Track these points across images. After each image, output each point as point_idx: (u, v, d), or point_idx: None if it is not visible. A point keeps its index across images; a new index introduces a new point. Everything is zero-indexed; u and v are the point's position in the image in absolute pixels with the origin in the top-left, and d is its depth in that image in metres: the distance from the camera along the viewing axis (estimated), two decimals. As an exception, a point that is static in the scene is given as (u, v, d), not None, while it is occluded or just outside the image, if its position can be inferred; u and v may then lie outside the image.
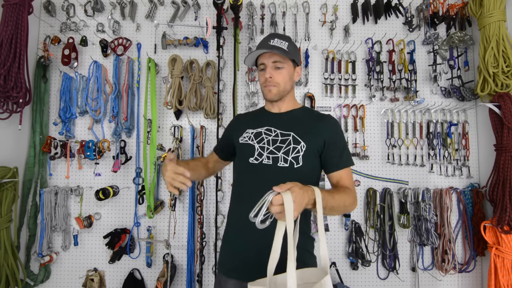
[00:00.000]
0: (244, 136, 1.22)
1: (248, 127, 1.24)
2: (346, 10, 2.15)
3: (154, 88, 1.99)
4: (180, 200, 2.05)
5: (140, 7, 2.14)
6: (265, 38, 1.23)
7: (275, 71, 1.19)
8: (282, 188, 0.81)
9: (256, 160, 1.15)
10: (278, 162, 1.12)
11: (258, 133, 1.20)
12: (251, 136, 1.20)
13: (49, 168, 2.04)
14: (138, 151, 2.06)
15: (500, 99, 1.76)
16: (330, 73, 2.08)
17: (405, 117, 2.07)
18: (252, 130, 1.22)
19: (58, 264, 2.02)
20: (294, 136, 1.15)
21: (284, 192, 0.80)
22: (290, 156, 1.12)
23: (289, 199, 0.78)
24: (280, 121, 1.21)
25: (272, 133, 1.18)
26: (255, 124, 1.24)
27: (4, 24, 1.74)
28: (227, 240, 1.21)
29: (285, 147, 1.14)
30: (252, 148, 1.17)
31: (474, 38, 2.06)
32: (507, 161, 1.72)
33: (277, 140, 1.16)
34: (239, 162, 1.25)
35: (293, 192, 0.81)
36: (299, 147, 1.13)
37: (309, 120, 1.22)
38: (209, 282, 2.01)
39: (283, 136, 1.16)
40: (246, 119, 1.36)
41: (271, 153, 1.14)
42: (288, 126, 1.19)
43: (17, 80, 1.77)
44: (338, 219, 2.05)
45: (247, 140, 1.20)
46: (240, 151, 1.23)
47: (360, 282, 2.02)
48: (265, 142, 1.16)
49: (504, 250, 1.74)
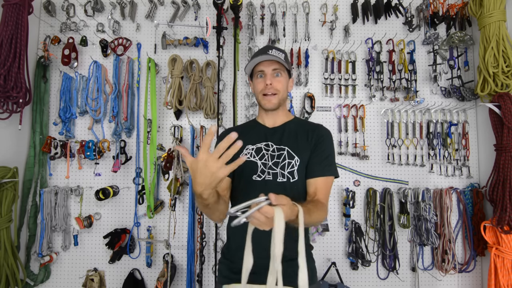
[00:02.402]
0: (244, 153, 1.19)
1: (247, 143, 1.21)
2: (346, 10, 2.15)
3: (154, 88, 1.99)
4: (180, 200, 2.05)
5: (140, 7, 2.14)
6: (263, 48, 1.24)
7: (275, 79, 1.19)
8: (277, 201, 0.75)
9: (259, 177, 1.14)
10: (278, 178, 1.13)
11: (259, 149, 1.19)
12: (252, 152, 1.19)
13: (49, 168, 2.04)
14: (138, 151, 2.06)
15: (500, 99, 1.76)
16: (330, 73, 2.08)
17: (405, 117, 2.07)
18: (252, 146, 1.20)
19: (58, 264, 2.02)
20: (288, 150, 1.16)
21: (277, 208, 0.74)
22: (286, 171, 1.14)
23: (280, 217, 0.73)
24: (275, 136, 1.21)
25: (270, 147, 1.18)
26: (254, 140, 1.22)
27: (4, 24, 1.74)
28: (229, 255, 1.19)
29: (281, 162, 1.15)
30: (255, 165, 1.16)
31: (474, 38, 2.06)
32: (507, 161, 1.72)
33: (274, 155, 1.16)
34: (239, 179, 1.19)
35: (284, 212, 0.76)
36: (293, 161, 1.14)
37: (301, 133, 1.21)
38: (209, 282, 2.01)
39: (279, 151, 1.17)
40: (241, 135, 1.25)
41: (271, 168, 1.15)
42: (282, 141, 1.19)
43: (17, 80, 1.77)
44: (338, 219, 2.05)
45: (249, 157, 1.18)
46: (241, 168, 1.12)
47: (360, 282, 2.02)
48: (266, 158, 1.16)
49: (504, 250, 1.74)
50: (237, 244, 1.14)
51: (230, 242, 1.21)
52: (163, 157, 1.94)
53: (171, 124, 2.08)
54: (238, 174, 1.20)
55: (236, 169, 1.07)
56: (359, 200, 2.05)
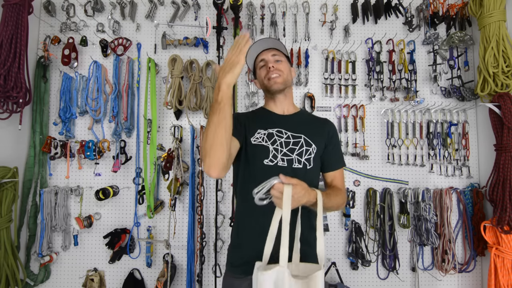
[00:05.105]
0: (256, 137, 1.19)
1: (259, 127, 1.22)
2: (346, 10, 2.15)
3: (154, 88, 1.99)
4: (180, 200, 2.05)
5: (140, 7, 2.14)
6: (260, 40, 1.29)
7: (276, 63, 1.25)
8: (287, 180, 0.89)
9: (271, 162, 1.15)
10: (293, 164, 1.15)
11: (270, 134, 1.20)
12: (263, 137, 1.19)
13: (49, 168, 2.04)
14: (138, 151, 2.06)
15: (500, 99, 1.76)
16: (330, 73, 2.08)
17: (405, 117, 2.07)
18: (264, 131, 1.21)
19: (58, 264, 2.02)
20: (305, 138, 1.21)
21: (287, 185, 0.87)
22: (304, 158, 1.17)
23: (288, 192, 0.86)
24: (289, 123, 1.24)
25: (284, 135, 1.20)
26: (265, 125, 1.23)
27: (4, 24, 1.74)
28: (237, 243, 1.20)
29: (298, 149, 1.18)
30: (267, 149, 1.16)
31: (474, 38, 2.06)
32: (507, 161, 1.72)
33: (289, 142, 1.19)
34: (250, 163, 1.18)
35: (295, 189, 0.88)
36: (311, 149, 1.20)
37: (315, 124, 1.28)
38: (209, 282, 2.01)
39: (295, 138, 1.20)
40: (251, 117, 1.29)
41: (285, 155, 1.16)
42: (298, 128, 1.23)
43: (17, 80, 1.77)
44: (338, 219, 2.05)
45: (261, 141, 1.18)
46: (252, 152, 1.18)
47: (360, 282, 2.02)
48: (278, 144, 1.18)
49: (504, 250, 1.74)
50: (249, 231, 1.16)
51: (244, 227, 1.20)
52: (163, 157, 1.94)
53: (171, 124, 2.08)
54: (250, 157, 1.18)
55: (248, 152, 1.19)
56: (359, 200, 2.05)
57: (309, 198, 0.97)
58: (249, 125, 1.23)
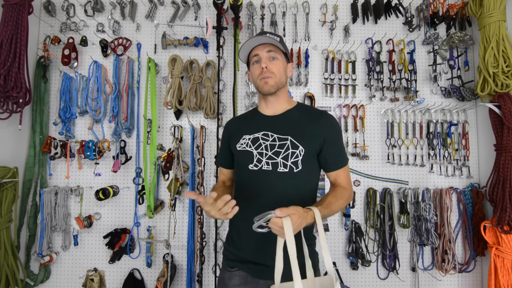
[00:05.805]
0: (241, 143, 1.20)
1: (245, 133, 1.22)
2: (346, 10, 2.15)
3: (154, 88, 1.99)
4: (180, 200, 2.05)
5: (140, 7, 2.14)
6: (257, 34, 1.25)
7: (270, 62, 1.17)
8: (282, 213, 0.88)
9: (255, 167, 1.14)
10: (278, 168, 1.12)
11: (255, 138, 1.18)
12: (248, 142, 1.19)
13: (49, 168, 2.04)
14: (138, 151, 2.06)
15: (500, 99, 1.76)
16: (330, 73, 2.08)
17: (405, 117, 2.07)
18: (249, 135, 1.20)
19: (58, 264, 2.02)
20: (292, 140, 1.13)
21: (285, 218, 0.87)
22: (290, 161, 1.12)
23: (288, 224, 0.86)
24: (276, 125, 1.19)
25: (269, 137, 1.16)
26: (251, 129, 1.22)
27: (4, 24, 1.74)
28: (232, 240, 1.23)
29: (283, 152, 1.12)
30: (251, 154, 1.16)
31: (474, 38, 2.06)
32: (507, 161, 1.72)
33: (274, 145, 1.14)
34: (238, 169, 1.23)
35: (292, 219, 0.88)
36: (298, 151, 1.12)
37: (305, 121, 1.19)
38: (209, 282, 2.01)
39: (281, 141, 1.14)
40: (240, 123, 1.31)
41: (270, 158, 1.13)
42: (285, 130, 1.16)
43: (17, 80, 1.77)
44: (338, 219, 2.05)
45: (245, 147, 1.18)
46: (238, 158, 1.21)
47: (360, 282, 2.02)
48: (263, 148, 1.15)
49: (504, 250, 1.74)
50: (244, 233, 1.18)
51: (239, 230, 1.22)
52: (163, 157, 1.94)
53: (171, 124, 2.08)
54: (237, 163, 1.24)
55: (236, 159, 1.24)
56: (359, 200, 2.05)
57: (308, 221, 0.94)
58: (236, 132, 1.26)
